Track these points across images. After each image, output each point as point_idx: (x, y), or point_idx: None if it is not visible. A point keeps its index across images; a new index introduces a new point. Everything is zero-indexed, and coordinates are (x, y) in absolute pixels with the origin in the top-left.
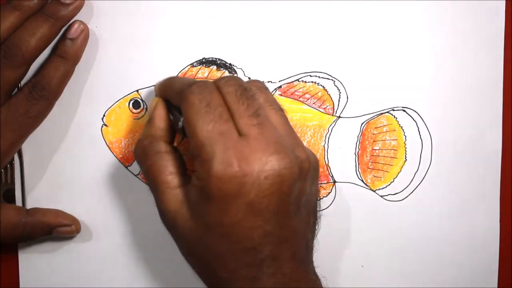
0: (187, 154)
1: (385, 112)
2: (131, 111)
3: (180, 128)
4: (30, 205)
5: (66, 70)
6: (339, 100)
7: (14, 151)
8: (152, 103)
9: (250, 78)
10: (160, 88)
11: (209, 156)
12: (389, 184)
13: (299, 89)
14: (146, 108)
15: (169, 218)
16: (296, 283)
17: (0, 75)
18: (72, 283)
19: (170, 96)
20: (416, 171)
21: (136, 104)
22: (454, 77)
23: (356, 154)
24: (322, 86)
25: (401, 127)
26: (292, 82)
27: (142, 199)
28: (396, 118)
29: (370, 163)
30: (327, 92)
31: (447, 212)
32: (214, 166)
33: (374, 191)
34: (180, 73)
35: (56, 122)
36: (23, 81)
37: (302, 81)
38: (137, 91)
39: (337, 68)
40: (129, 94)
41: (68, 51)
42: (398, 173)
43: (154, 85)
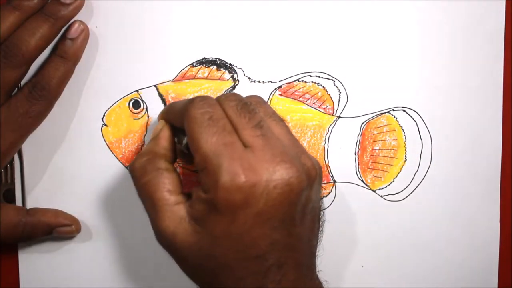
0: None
1: (385, 112)
2: (131, 111)
3: (184, 146)
4: (30, 205)
5: (66, 70)
6: (339, 100)
7: (14, 151)
8: (158, 126)
9: (250, 78)
10: (163, 114)
11: (216, 168)
12: (389, 184)
13: (299, 89)
14: (146, 108)
15: (168, 236)
16: None
17: (0, 75)
18: (72, 283)
19: (173, 118)
20: (416, 171)
21: (136, 104)
22: (454, 77)
23: (356, 154)
24: (322, 86)
25: (401, 127)
26: (292, 82)
27: None
28: (396, 118)
29: (370, 163)
30: (327, 92)
31: (447, 212)
32: (222, 177)
33: (374, 191)
34: (180, 73)
35: (56, 122)
36: (23, 81)
37: (302, 81)
38: (137, 91)
39: (337, 68)
40: (129, 94)
41: (68, 51)
42: (398, 173)
43: (158, 114)
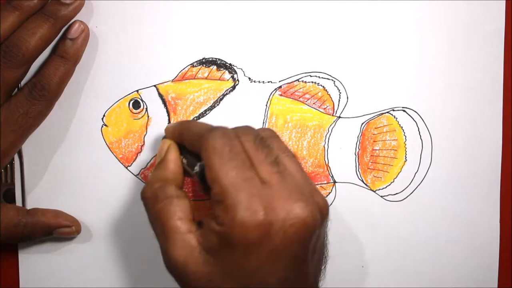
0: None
1: (385, 112)
2: (131, 111)
3: (197, 173)
4: (30, 205)
5: (66, 70)
6: (339, 100)
7: (14, 151)
8: (164, 146)
9: (250, 78)
10: (175, 131)
11: (234, 203)
12: (389, 184)
13: (299, 89)
14: (146, 108)
15: (179, 265)
16: None
17: (0, 75)
18: (72, 283)
19: (188, 140)
20: (416, 171)
21: (136, 104)
22: (454, 77)
23: (356, 154)
24: (322, 86)
25: (401, 127)
26: (292, 82)
27: None
28: (396, 118)
29: (370, 163)
30: (327, 92)
31: (447, 212)
32: (239, 213)
33: (374, 191)
34: (180, 73)
35: (56, 122)
36: (23, 81)
37: (302, 81)
38: (137, 91)
39: (337, 68)
40: (129, 94)
41: (68, 51)
42: (398, 173)
43: (165, 127)
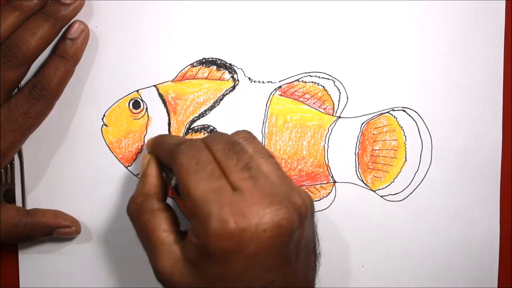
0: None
1: (385, 112)
2: (131, 111)
3: (173, 187)
4: (30, 205)
5: (66, 70)
6: (339, 100)
7: (14, 151)
8: (144, 160)
9: (250, 78)
10: (151, 146)
11: (206, 215)
12: (389, 184)
13: (299, 89)
14: (146, 108)
15: (166, 276)
16: None
17: (0, 75)
18: (72, 284)
19: (160, 156)
20: (416, 171)
21: (136, 104)
22: (454, 77)
23: (356, 154)
24: (322, 86)
25: (401, 127)
26: (292, 82)
27: None
28: (396, 118)
29: (370, 163)
30: (327, 92)
31: (447, 212)
32: (212, 224)
33: (374, 191)
34: (180, 73)
35: (56, 122)
36: (23, 81)
37: (302, 81)
38: (137, 91)
39: (337, 68)
40: (129, 94)
41: (68, 51)
42: (398, 173)
43: (146, 142)
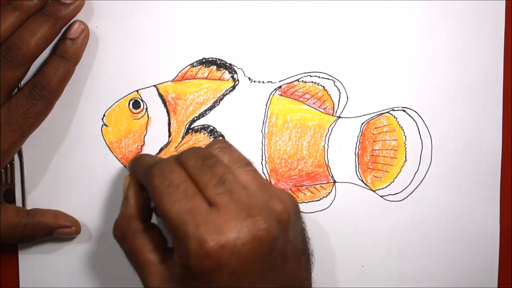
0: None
1: (385, 112)
2: (131, 111)
3: (153, 209)
4: (30, 205)
5: (66, 70)
6: (339, 100)
7: (14, 151)
8: (125, 182)
9: (250, 78)
10: (130, 167)
11: (183, 236)
12: (389, 184)
13: (299, 89)
14: (146, 108)
15: None
16: None
17: (0, 75)
18: (72, 283)
19: (138, 177)
20: (416, 171)
21: (136, 104)
22: (454, 77)
23: (356, 154)
24: (322, 86)
25: (401, 127)
26: (292, 82)
27: None
28: (396, 118)
29: (370, 163)
30: (327, 92)
31: (447, 212)
32: (190, 245)
33: (374, 191)
34: (180, 73)
35: (56, 122)
36: (23, 81)
37: (302, 81)
38: (137, 91)
39: (337, 68)
40: (129, 94)
41: (68, 51)
42: (398, 173)
43: (128, 162)
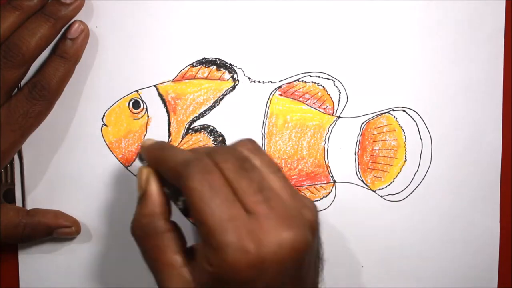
0: None
1: (385, 112)
2: (131, 111)
3: (181, 209)
4: (30, 205)
5: (66, 70)
6: (339, 100)
7: (14, 151)
8: (142, 175)
9: (250, 78)
10: (151, 159)
11: (223, 244)
12: (389, 184)
13: (299, 89)
14: (146, 108)
15: None
16: None
17: (0, 75)
18: (72, 283)
19: (165, 174)
20: (416, 171)
21: (136, 104)
22: (454, 77)
23: (356, 154)
24: (322, 86)
25: (401, 127)
26: (292, 82)
27: None
28: (396, 118)
29: (370, 163)
30: (327, 92)
31: (447, 212)
32: (230, 255)
33: (374, 191)
34: (180, 73)
35: (56, 122)
36: (23, 81)
37: (302, 81)
38: (137, 91)
39: (337, 68)
40: (129, 94)
41: (68, 51)
42: (398, 173)
43: (141, 147)
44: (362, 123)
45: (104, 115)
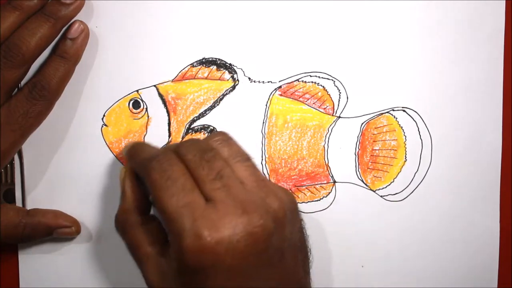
0: None
1: (385, 112)
2: (131, 111)
3: (152, 202)
4: (30, 205)
5: (66, 70)
6: (339, 100)
7: (14, 151)
8: (121, 174)
9: (250, 78)
10: (127, 158)
11: (179, 230)
12: (389, 184)
13: (299, 89)
14: (146, 108)
15: None
16: None
17: (0, 75)
18: (72, 283)
19: (136, 169)
20: (416, 171)
21: (136, 104)
22: (454, 77)
23: (356, 154)
24: (322, 86)
25: (401, 127)
26: (292, 82)
27: None
28: (396, 118)
29: (370, 163)
30: (327, 92)
31: (447, 212)
32: (185, 240)
33: (374, 191)
34: (180, 73)
35: (56, 122)
36: (23, 81)
37: (302, 81)
38: (137, 91)
39: (337, 68)
40: (129, 94)
41: (68, 51)
42: (398, 173)
43: (123, 149)
44: (362, 123)
45: (104, 115)
